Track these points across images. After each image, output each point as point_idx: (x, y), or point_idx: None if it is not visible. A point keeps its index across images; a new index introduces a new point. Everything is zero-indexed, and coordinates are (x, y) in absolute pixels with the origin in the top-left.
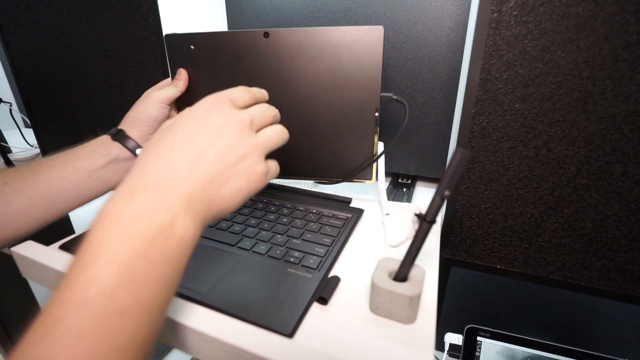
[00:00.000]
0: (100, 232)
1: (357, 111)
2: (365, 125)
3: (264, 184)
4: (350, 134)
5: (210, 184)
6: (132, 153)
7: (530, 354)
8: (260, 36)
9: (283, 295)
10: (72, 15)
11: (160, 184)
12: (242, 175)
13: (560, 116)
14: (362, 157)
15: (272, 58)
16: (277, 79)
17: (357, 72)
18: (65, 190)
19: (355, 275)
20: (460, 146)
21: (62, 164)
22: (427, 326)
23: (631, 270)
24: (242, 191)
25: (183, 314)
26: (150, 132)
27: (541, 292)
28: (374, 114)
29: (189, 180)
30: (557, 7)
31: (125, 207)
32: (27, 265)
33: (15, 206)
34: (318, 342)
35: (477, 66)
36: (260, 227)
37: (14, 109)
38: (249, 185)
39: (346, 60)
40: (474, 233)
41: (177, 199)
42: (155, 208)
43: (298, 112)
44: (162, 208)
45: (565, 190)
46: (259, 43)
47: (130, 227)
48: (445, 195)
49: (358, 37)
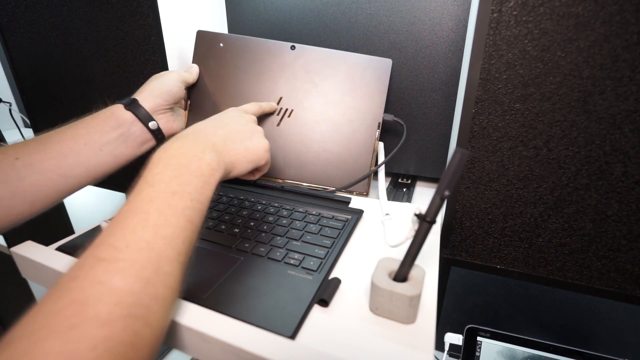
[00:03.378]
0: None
1: (361, 126)
2: (366, 140)
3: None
4: (351, 147)
5: (231, 141)
6: (143, 124)
7: (530, 354)
8: (287, 47)
9: (284, 298)
10: (71, 15)
11: (193, 135)
12: (252, 139)
13: (560, 116)
14: (360, 171)
15: (293, 68)
16: (294, 85)
17: (365, 92)
18: (78, 165)
19: (355, 276)
20: (460, 146)
21: (73, 138)
22: (427, 326)
23: (631, 270)
24: (251, 151)
25: (183, 315)
26: (164, 106)
27: (541, 292)
28: (376, 130)
29: (214, 135)
30: (557, 7)
31: (173, 143)
32: (27, 266)
33: (29, 181)
34: (318, 343)
35: (477, 66)
36: (260, 229)
37: (14, 109)
38: (257, 148)
39: (358, 80)
40: (474, 233)
41: (205, 142)
42: (192, 144)
43: (306, 117)
44: (196, 144)
45: (565, 190)
46: (285, 53)
47: (177, 151)
48: (445, 195)
49: (370, 64)
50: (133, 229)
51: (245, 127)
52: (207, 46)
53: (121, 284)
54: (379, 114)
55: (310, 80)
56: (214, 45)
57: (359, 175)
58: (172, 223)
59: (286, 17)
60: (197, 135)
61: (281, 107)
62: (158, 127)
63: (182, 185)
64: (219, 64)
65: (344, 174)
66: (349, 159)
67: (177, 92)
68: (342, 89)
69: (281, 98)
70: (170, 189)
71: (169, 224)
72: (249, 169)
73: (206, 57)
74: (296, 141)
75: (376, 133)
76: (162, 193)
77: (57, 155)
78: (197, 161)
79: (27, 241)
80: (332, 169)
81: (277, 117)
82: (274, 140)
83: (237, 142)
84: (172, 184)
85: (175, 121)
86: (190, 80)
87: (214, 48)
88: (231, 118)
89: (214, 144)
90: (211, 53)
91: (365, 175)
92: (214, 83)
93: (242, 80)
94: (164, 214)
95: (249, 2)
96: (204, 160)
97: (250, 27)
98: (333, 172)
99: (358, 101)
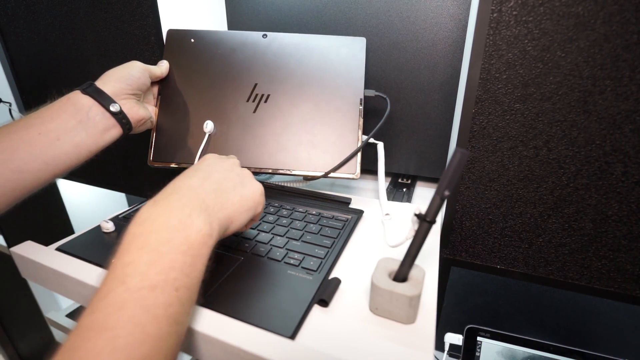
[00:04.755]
0: (132, 230)
1: (342, 104)
2: (349, 118)
3: (263, 201)
4: (335, 127)
5: (221, 192)
6: (104, 108)
7: (530, 354)
8: (259, 37)
9: (284, 298)
10: (71, 15)
11: (178, 191)
12: (245, 185)
13: (560, 116)
14: (347, 152)
15: (266, 55)
16: (268, 71)
17: (342, 70)
18: (32, 158)
19: (355, 276)
20: (460, 146)
21: (25, 128)
22: (427, 326)
23: (631, 270)
24: (247, 197)
25: None
26: (126, 91)
27: (541, 292)
28: (359, 106)
29: (201, 188)
30: (557, 7)
31: (150, 209)
32: (27, 266)
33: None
34: (318, 343)
35: (477, 66)
36: (260, 229)
37: (14, 109)
38: (252, 193)
39: (334, 59)
40: (474, 233)
41: (192, 200)
42: (175, 206)
43: (284, 101)
44: (181, 205)
45: (565, 190)
46: (257, 42)
47: (156, 221)
48: (445, 195)
49: (345, 43)
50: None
51: (232, 172)
52: (178, 43)
53: None
54: (360, 90)
55: (285, 65)
56: (184, 42)
57: (346, 155)
58: (150, 335)
59: (286, 16)
60: (181, 192)
61: (256, 94)
62: (121, 109)
63: (163, 273)
64: (191, 59)
65: (330, 156)
66: (334, 140)
67: (140, 77)
68: (318, 70)
69: (256, 85)
70: (148, 282)
71: (145, 338)
72: (248, 219)
73: (177, 54)
74: (275, 126)
75: (359, 109)
76: (136, 292)
77: (7, 149)
78: (184, 230)
79: (27, 241)
80: (317, 152)
81: (252, 104)
82: (251, 128)
83: (230, 191)
84: (150, 274)
85: (141, 108)
86: (157, 72)
87: (185, 45)
88: (214, 165)
89: (203, 200)
90: (182, 50)
91: (352, 154)
92: (185, 78)
93: (215, 74)
94: (140, 325)
95: (248, 2)
96: (192, 228)
97: (251, 27)
98: (319, 156)
99: (336, 80)
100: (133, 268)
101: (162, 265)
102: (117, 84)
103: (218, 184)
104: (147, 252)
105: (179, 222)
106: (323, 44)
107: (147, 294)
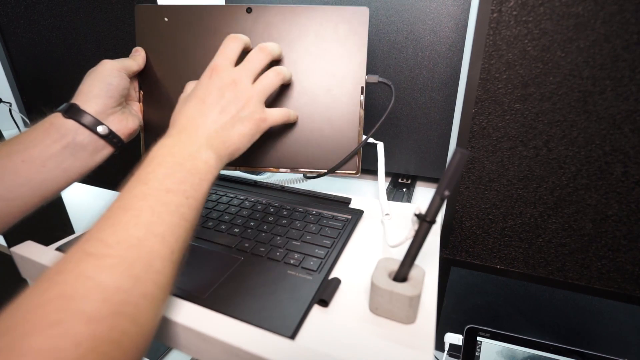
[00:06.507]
0: (152, 153)
1: (341, 95)
2: (349, 110)
3: (265, 128)
4: (334, 120)
5: (222, 130)
6: (91, 131)
7: (530, 354)
8: (242, 11)
9: (283, 298)
10: (71, 16)
11: (185, 129)
12: (244, 121)
13: (560, 116)
14: (346, 147)
15: (252, 35)
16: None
17: (341, 53)
18: (18, 186)
19: (355, 276)
20: (460, 146)
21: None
22: (427, 326)
23: (631, 270)
24: (246, 134)
25: (183, 315)
26: (112, 105)
27: (541, 292)
28: (359, 96)
29: (204, 127)
30: (557, 7)
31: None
32: (27, 266)
33: None
34: (318, 343)
35: (477, 66)
36: (260, 229)
37: (14, 109)
38: (250, 129)
39: (330, 40)
40: (474, 233)
41: (198, 137)
42: (185, 141)
43: (279, 95)
44: (190, 141)
45: (565, 190)
46: (240, 19)
47: (172, 150)
48: (445, 195)
49: (343, 16)
50: (124, 226)
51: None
52: (151, 23)
53: (110, 281)
54: (361, 77)
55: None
56: (157, 21)
57: (346, 151)
58: (165, 221)
59: None
60: (190, 130)
61: None
62: (110, 130)
63: (176, 184)
64: (167, 42)
65: (329, 152)
66: (333, 135)
67: (119, 83)
68: (313, 53)
69: None
70: (164, 186)
71: (161, 221)
72: (251, 142)
73: (151, 36)
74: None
75: (360, 100)
76: (155, 190)
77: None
78: (193, 160)
79: (27, 241)
80: (314, 149)
81: None
82: None
83: (231, 128)
84: (166, 182)
85: (129, 119)
86: (134, 67)
87: (158, 24)
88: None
89: (207, 137)
90: (156, 31)
91: (353, 152)
92: (165, 65)
93: (195, 57)
94: (157, 212)
95: (248, 2)
96: (199, 159)
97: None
98: (316, 153)
99: (334, 65)
100: (153, 176)
101: (176, 178)
102: (99, 101)
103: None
104: (165, 168)
105: (189, 154)
106: (318, 18)
107: (164, 194)
